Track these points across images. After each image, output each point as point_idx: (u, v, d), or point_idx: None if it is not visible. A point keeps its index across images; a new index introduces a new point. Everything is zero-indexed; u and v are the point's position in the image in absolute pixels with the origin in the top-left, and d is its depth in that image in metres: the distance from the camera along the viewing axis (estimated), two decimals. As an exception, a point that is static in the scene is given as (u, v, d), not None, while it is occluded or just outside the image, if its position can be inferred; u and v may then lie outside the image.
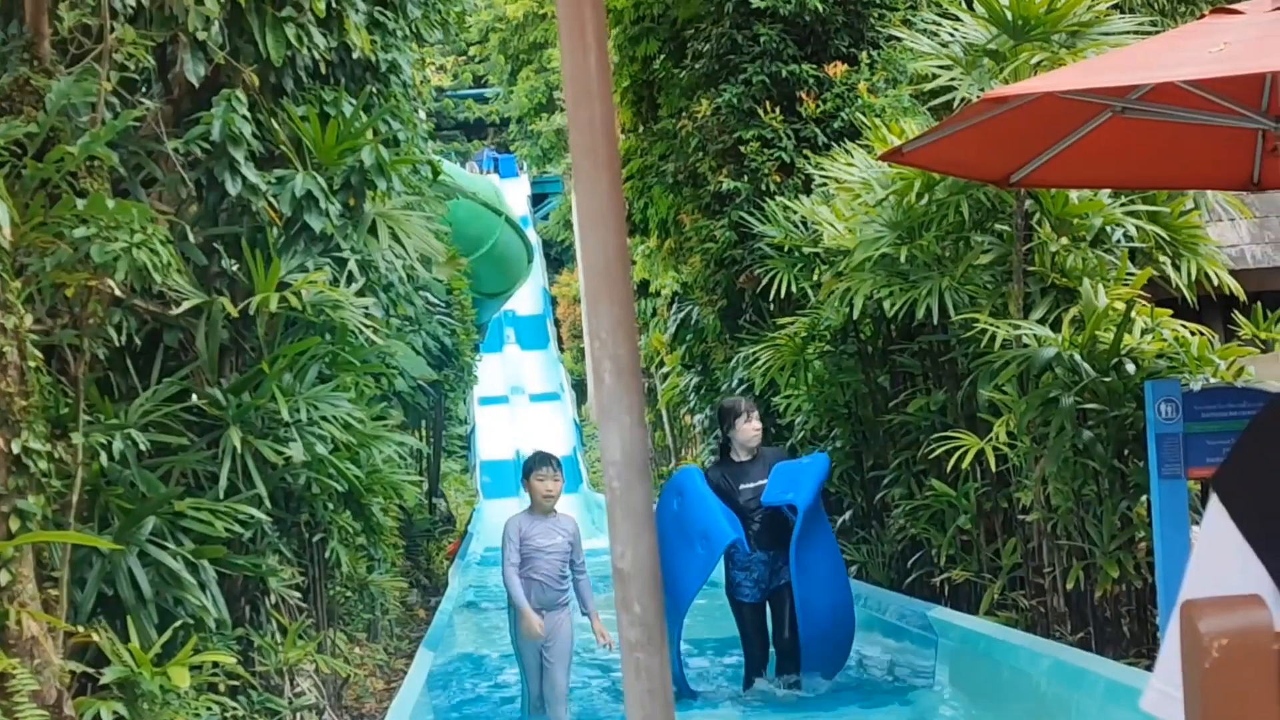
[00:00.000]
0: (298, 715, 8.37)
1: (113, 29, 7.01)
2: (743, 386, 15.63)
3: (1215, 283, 10.13)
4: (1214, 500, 1.69)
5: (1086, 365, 9.04)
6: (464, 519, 23.18)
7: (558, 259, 49.26)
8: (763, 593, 10.22)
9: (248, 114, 7.80)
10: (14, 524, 5.86)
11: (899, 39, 12.59)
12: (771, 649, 10.38)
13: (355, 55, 8.83)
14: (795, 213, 12.99)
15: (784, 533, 10.02)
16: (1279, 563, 1.59)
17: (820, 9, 14.44)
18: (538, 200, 52.82)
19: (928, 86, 11.06)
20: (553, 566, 9.19)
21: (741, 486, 10.13)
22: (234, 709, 7.40)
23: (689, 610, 10.25)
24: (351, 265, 8.63)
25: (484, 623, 15.02)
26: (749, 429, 10.24)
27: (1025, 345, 9.33)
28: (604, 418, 1.89)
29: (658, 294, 22.00)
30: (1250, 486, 1.65)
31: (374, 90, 9.26)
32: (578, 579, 9.34)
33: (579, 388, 41.52)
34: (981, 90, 9.71)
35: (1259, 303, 10.71)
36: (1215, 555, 1.67)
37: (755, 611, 10.28)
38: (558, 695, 9.27)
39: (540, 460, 9.44)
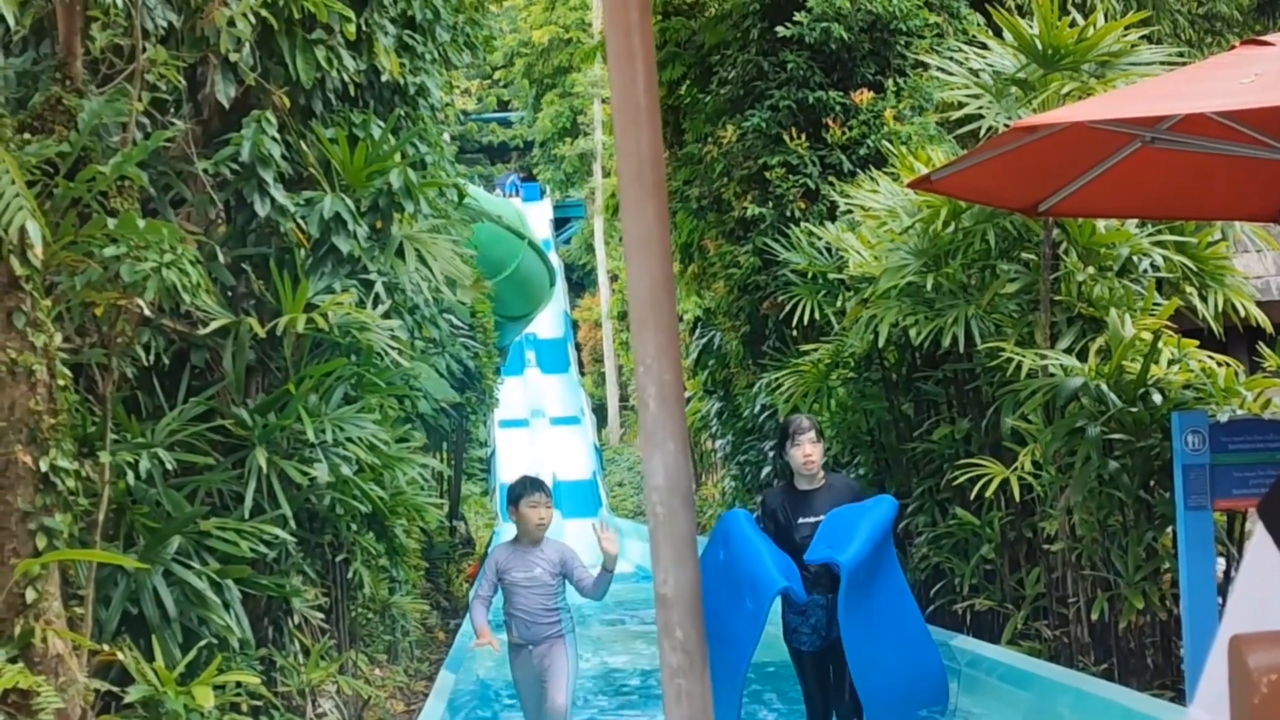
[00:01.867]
0: (319, 736, 8.38)
1: (144, 50, 7.05)
2: (766, 413, 15.63)
3: (1242, 314, 10.10)
4: (1259, 528, 1.69)
5: (1113, 395, 9.02)
6: (483, 541, 23.14)
7: (579, 283, 49.31)
8: (823, 641, 8.52)
9: (277, 135, 7.82)
10: (41, 542, 5.87)
11: (926, 66, 12.60)
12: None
13: (384, 78, 8.86)
14: (820, 239, 13.00)
15: None
16: None
17: (847, 37, 14.45)
18: (560, 224, 52.90)
19: (954, 115, 11.06)
20: (531, 600, 8.65)
21: (800, 520, 8.56)
22: (256, 729, 7.41)
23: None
24: (378, 287, 8.65)
25: (504, 646, 14.99)
26: (799, 455, 8.64)
27: (1051, 375, 9.31)
28: (647, 444, 1.89)
29: (680, 318, 22.02)
30: None
31: (402, 113, 9.29)
32: (583, 587, 8.68)
33: (599, 412, 41.54)
34: (1009, 119, 9.73)
35: (1285, 335, 10.69)
36: (1259, 581, 1.67)
37: (816, 662, 8.65)
38: (555, 714, 8.76)
39: (532, 485, 8.78)
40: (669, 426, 1.87)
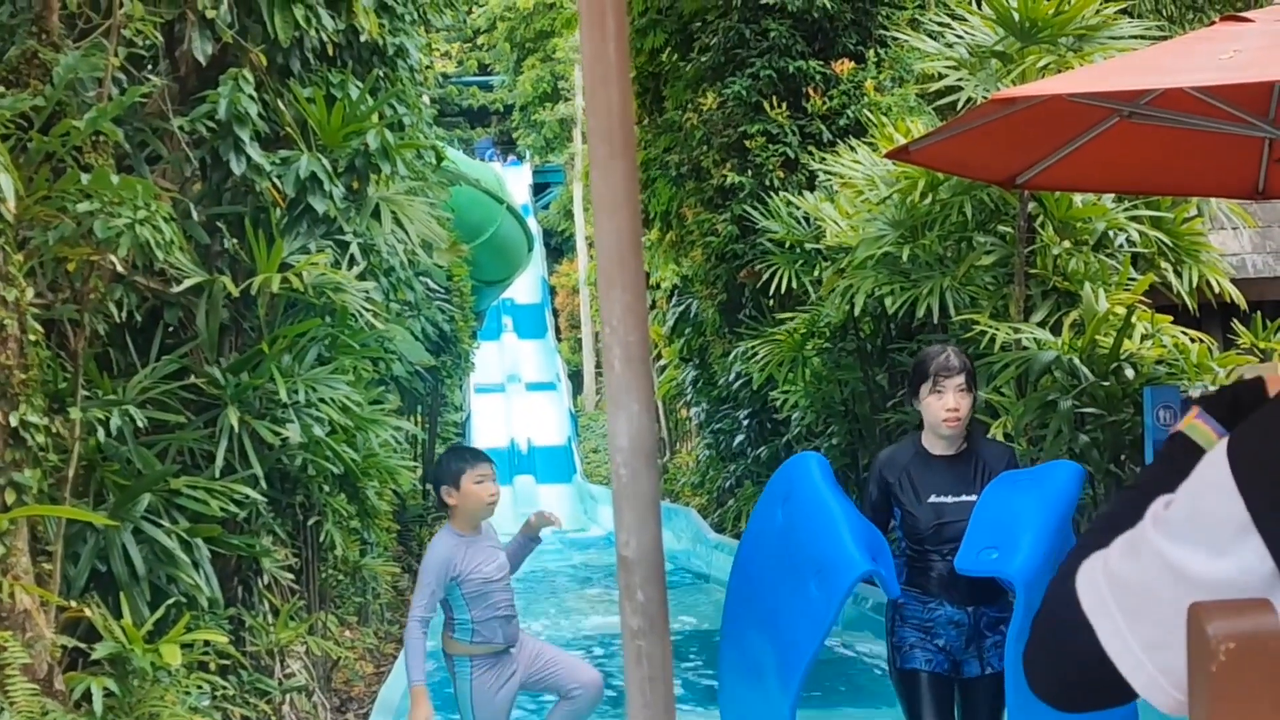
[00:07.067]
0: (287, 696, 8.37)
1: (121, 4, 6.99)
2: (740, 381, 15.64)
3: (1216, 290, 10.13)
4: (1223, 463, 1.59)
5: (1085, 369, 9.04)
6: (457, 506, 23.16)
7: (557, 249, 49.20)
8: (952, 665, 5.93)
9: (254, 94, 7.77)
10: (10, 497, 5.85)
11: (906, 39, 12.60)
12: None
13: (363, 38, 8.81)
14: (798, 208, 13.00)
15: (994, 582, 5.82)
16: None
17: (829, 6, 14.45)
18: (539, 190, 52.75)
19: (934, 86, 11.06)
20: (509, 592, 7.03)
21: (933, 498, 5.94)
22: (224, 688, 7.40)
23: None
24: (354, 248, 8.60)
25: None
26: (938, 408, 6.03)
27: (1025, 347, 9.33)
28: (612, 405, 1.89)
29: (658, 286, 22.01)
30: (1264, 460, 1.57)
31: (380, 74, 9.24)
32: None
33: (575, 378, 41.52)
34: (987, 91, 9.72)
35: (1259, 312, 10.73)
36: (1213, 517, 1.58)
37: (938, 690, 5.94)
38: (592, 690, 7.14)
39: (474, 456, 7.13)
40: (634, 387, 1.87)
